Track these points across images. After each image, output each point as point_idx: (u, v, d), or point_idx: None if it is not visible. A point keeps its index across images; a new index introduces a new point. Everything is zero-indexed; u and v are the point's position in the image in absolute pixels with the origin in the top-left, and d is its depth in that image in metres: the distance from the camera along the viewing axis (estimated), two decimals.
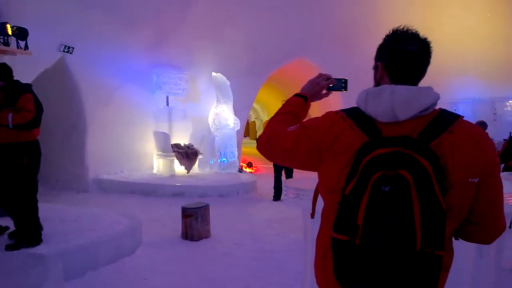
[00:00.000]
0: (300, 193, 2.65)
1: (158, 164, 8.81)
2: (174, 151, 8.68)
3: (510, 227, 4.04)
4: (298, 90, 1.48)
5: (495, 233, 1.11)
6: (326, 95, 1.44)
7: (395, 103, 1.02)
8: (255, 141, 6.99)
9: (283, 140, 1.20)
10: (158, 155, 8.80)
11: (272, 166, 7.69)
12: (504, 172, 4.31)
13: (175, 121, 9.53)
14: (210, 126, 9.58)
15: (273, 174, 7.29)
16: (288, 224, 5.55)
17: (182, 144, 9.16)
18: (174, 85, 9.49)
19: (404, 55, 1.09)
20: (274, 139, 1.22)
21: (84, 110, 7.90)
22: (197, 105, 10.10)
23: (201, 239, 4.73)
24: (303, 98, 1.38)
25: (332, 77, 1.41)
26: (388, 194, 0.92)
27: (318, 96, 1.42)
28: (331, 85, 1.41)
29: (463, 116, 1.06)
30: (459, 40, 9.73)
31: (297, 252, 4.00)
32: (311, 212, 1.36)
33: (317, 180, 1.21)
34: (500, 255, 2.79)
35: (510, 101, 9.49)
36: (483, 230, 1.10)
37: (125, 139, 8.67)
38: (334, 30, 10.33)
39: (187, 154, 8.79)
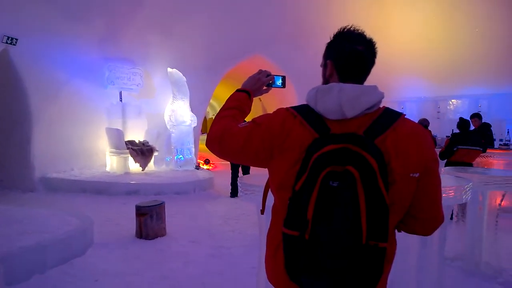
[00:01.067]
0: (255, 190, 2.66)
1: (112, 162, 8.48)
2: (128, 148, 8.41)
3: (451, 218, 4.33)
4: None
5: (434, 225, 1.16)
6: (266, 91, 1.47)
7: (343, 101, 1.05)
8: None
9: (235, 137, 1.19)
10: (111, 152, 8.47)
11: (229, 162, 7.67)
12: (446, 167, 4.61)
13: (129, 118, 9.23)
14: (166, 122, 9.38)
15: (230, 171, 7.29)
16: (245, 220, 5.58)
17: (137, 141, 8.89)
18: (128, 80, 9.17)
19: (352, 54, 1.12)
20: (226, 135, 1.21)
21: (29, 105, 7.42)
22: (152, 101, 9.84)
23: (156, 237, 4.62)
24: (247, 94, 1.40)
25: (272, 74, 1.45)
26: (336, 189, 0.94)
27: (259, 91, 1.45)
28: (270, 82, 1.45)
29: (405, 114, 1.11)
30: (407, 42, 10.26)
31: (252, 247, 4.03)
32: (261, 208, 1.37)
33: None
34: (442, 245, 2.98)
35: (452, 100, 10.15)
36: (423, 223, 1.14)
37: (76, 136, 8.27)
38: (290, 28, 10.51)
39: (142, 151, 8.54)
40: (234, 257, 4.09)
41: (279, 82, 1.48)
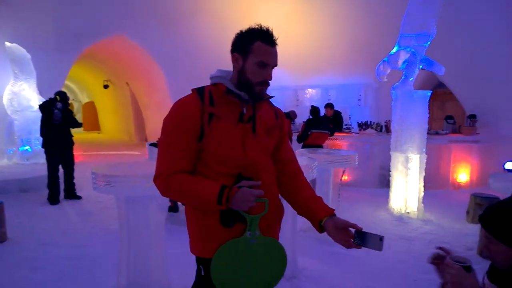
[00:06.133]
0: (112, 180, 2.46)
1: None
2: None
3: None
4: (119, 69, 1.40)
5: None
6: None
7: None
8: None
9: None
10: None
11: (91, 153, 6.93)
12: (302, 149, 5.11)
13: None
14: (6, 107, 7.93)
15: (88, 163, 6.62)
16: (107, 215, 5.17)
17: None
18: None
19: None
20: None
21: None
22: None
23: None
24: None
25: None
26: None
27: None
28: None
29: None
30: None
31: (115, 243, 3.76)
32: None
33: (127, 166, 1.17)
34: (295, 219, 3.30)
35: (308, 89, 11.29)
36: None
37: None
38: (159, 9, 10.01)
39: None
40: (94, 256, 3.75)
41: None
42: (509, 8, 6.69)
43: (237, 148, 1.41)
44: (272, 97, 1.56)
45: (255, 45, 1.39)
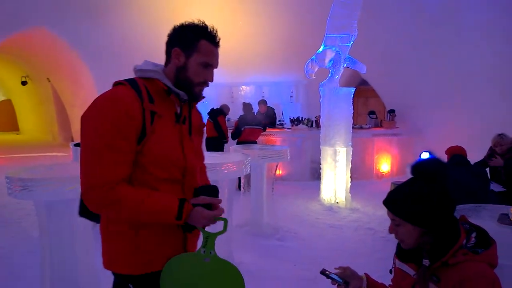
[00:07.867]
0: (29, 184, 2.28)
1: None
2: None
3: (239, 189, 4.89)
4: (39, 65, 1.28)
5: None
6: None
7: None
8: None
9: None
10: None
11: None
12: (236, 145, 5.17)
13: None
14: None
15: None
16: (30, 221, 4.76)
17: None
18: None
19: None
20: None
21: None
22: None
23: None
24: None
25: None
26: None
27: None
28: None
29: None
30: None
31: (38, 252, 3.49)
32: None
33: (47, 169, 1.09)
34: (230, 215, 3.34)
35: (243, 87, 11.41)
36: None
37: None
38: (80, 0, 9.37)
39: None
40: (13, 267, 3.46)
41: None
42: (424, 9, 7.36)
43: (177, 151, 1.32)
44: (204, 97, 1.50)
45: (201, 43, 1.34)
